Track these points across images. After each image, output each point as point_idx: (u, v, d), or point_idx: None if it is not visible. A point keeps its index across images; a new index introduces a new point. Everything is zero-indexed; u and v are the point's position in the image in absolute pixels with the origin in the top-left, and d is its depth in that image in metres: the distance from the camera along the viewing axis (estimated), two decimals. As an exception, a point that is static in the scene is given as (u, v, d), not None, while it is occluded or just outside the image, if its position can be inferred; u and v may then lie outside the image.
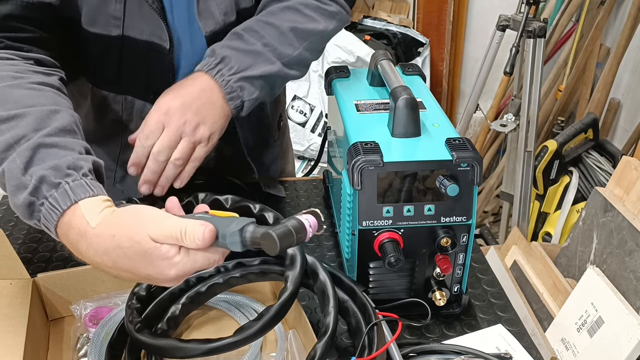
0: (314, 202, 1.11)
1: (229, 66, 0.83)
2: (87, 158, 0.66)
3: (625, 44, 2.41)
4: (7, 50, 0.76)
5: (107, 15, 0.86)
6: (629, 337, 0.96)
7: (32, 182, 0.62)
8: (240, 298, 0.84)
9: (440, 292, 0.79)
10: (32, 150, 0.64)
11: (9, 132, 0.65)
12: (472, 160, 0.72)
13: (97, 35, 0.87)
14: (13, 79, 0.71)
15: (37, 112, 0.67)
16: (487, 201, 2.70)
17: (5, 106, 0.67)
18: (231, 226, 0.57)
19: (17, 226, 1.03)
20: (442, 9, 2.84)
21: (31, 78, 0.73)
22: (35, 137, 0.65)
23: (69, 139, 0.67)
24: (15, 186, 0.63)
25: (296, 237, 0.55)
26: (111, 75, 0.93)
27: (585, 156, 2.14)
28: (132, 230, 0.58)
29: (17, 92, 0.70)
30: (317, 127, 2.74)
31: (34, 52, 0.78)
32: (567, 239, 1.26)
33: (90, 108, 0.99)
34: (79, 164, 0.64)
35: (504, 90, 2.56)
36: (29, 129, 0.66)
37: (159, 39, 0.89)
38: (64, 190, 0.61)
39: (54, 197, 0.61)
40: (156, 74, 0.93)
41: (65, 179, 0.62)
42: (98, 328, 0.75)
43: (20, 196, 0.62)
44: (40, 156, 0.64)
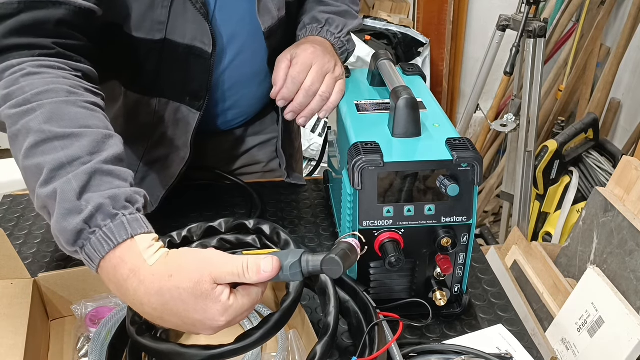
0: (315, 202, 1.11)
1: (335, 25, 0.99)
2: (140, 192, 0.64)
3: (626, 44, 2.41)
4: (58, 59, 0.73)
5: (152, 21, 0.86)
6: (630, 337, 0.96)
7: (88, 208, 0.59)
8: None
9: (441, 292, 0.79)
10: (89, 175, 0.62)
11: (63, 150, 0.63)
12: (472, 160, 0.72)
13: (140, 40, 0.88)
14: (68, 93, 0.69)
15: (93, 134, 0.66)
16: (487, 201, 2.70)
17: (61, 123, 0.65)
18: (288, 258, 0.59)
19: (17, 226, 1.03)
20: (442, 9, 2.84)
21: (84, 96, 0.71)
22: (93, 162, 0.63)
23: (122, 167, 0.65)
24: (68, 210, 0.60)
25: (352, 257, 0.59)
26: (148, 79, 0.94)
27: (585, 156, 2.14)
28: (193, 270, 0.57)
29: (73, 110, 0.68)
30: (317, 127, 2.74)
31: (81, 62, 0.76)
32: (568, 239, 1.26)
33: (120, 111, 1.00)
34: (135, 198, 0.63)
35: (504, 90, 2.56)
36: (85, 151, 0.64)
37: (201, 43, 0.90)
38: (121, 222, 0.60)
39: (110, 227, 0.59)
40: (194, 76, 0.94)
41: (122, 211, 0.60)
42: (99, 328, 0.75)
43: (72, 221, 0.59)
44: (96, 183, 0.62)
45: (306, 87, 0.91)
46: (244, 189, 1.12)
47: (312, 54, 0.92)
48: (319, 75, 0.91)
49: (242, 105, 1.07)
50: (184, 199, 1.09)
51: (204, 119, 0.98)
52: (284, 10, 0.98)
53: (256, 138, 1.17)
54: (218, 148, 1.16)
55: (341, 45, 0.99)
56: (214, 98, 1.01)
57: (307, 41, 0.96)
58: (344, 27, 1.00)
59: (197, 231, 0.77)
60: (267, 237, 0.75)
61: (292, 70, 0.91)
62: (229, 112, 1.07)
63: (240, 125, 1.13)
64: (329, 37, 0.98)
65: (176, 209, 1.05)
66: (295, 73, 0.91)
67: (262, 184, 1.16)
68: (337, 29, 0.99)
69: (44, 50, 0.72)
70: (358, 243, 0.61)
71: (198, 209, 1.08)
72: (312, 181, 1.18)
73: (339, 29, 0.99)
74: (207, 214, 1.07)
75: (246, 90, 1.04)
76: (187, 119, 0.97)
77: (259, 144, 1.18)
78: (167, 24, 0.87)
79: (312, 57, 0.91)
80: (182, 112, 0.97)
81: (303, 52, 0.92)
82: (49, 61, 0.72)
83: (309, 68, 0.91)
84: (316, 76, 0.91)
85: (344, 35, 1.00)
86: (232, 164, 1.18)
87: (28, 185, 0.65)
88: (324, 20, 0.99)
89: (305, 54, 0.92)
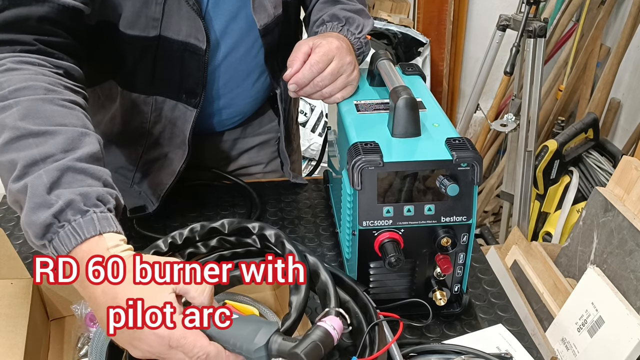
0: (315, 202, 1.11)
1: (355, 25, 0.95)
2: (112, 193, 0.65)
3: (626, 44, 2.41)
4: (39, 55, 0.74)
5: (146, 18, 0.87)
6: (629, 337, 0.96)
7: (58, 203, 0.60)
8: (240, 298, 0.84)
9: (441, 291, 0.79)
10: (60, 171, 0.63)
11: (37, 147, 0.64)
12: (472, 160, 0.72)
13: (135, 38, 0.88)
14: (46, 91, 0.70)
15: (68, 132, 0.66)
16: (487, 201, 2.70)
17: (37, 120, 0.66)
18: (256, 338, 0.57)
19: (17, 226, 1.03)
20: (442, 9, 2.84)
21: (63, 94, 0.72)
22: (65, 160, 0.64)
23: (96, 166, 0.66)
24: (38, 204, 0.61)
25: (324, 350, 0.56)
26: (145, 77, 0.94)
27: (585, 156, 2.14)
28: None
29: (49, 108, 0.68)
30: (317, 127, 2.74)
31: (64, 60, 0.76)
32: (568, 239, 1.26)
33: (118, 111, 1.00)
34: (106, 198, 0.63)
35: (504, 90, 2.56)
36: (59, 148, 0.64)
37: (195, 40, 0.90)
38: (91, 219, 0.61)
39: (79, 222, 0.60)
40: (190, 73, 0.94)
41: (93, 209, 0.61)
42: (99, 328, 0.75)
43: (41, 215, 0.60)
44: (68, 179, 0.63)
45: (316, 81, 0.88)
46: (244, 188, 1.12)
47: (337, 49, 0.88)
48: (335, 72, 0.88)
49: (237, 104, 1.07)
50: (184, 199, 1.09)
51: (201, 118, 0.99)
52: (280, 9, 0.97)
53: (255, 139, 1.17)
54: (217, 148, 1.16)
55: (360, 46, 0.96)
56: (209, 96, 1.01)
57: (331, 35, 0.92)
58: (363, 27, 0.96)
59: (200, 232, 0.77)
60: (271, 244, 0.74)
61: (312, 57, 0.88)
62: (224, 111, 1.07)
63: (238, 125, 1.13)
64: (350, 37, 0.94)
65: (176, 209, 1.05)
66: (314, 60, 0.87)
67: (262, 183, 1.16)
68: (357, 28, 0.95)
69: (25, 46, 0.73)
70: (339, 325, 0.58)
71: (198, 209, 1.08)
72: (312, 181, 1.18)
73: (359, 29, 0.96)
74: (207, 213, 1.07)
75: (240, 89, 1.04)
76: (184, 116, 0.97)
77: (257, 144, 1.18)
78: (162, 20, 0.87)
79: (336, 51, 0.88)
80: (179, 110, 0.97)
81: (328, 44, 0.88)
82: (29, 57, 0.73)
83: (330, 61, 0.87)
84: (332, 72, 0.87)
85: (363, 36, 0.96)
86: (231, 165, 1.18)
87: (2, 180, 0.66)
88: (345, 19, 0.95)
89: (330, 46, 0.88)
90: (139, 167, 1.03)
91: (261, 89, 1.07)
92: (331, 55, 0.87)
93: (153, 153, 1.02)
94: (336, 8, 0.98)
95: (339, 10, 0.97)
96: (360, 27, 0.95)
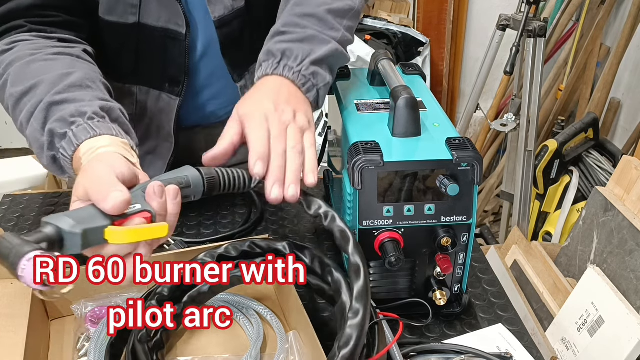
0: (315, 202, 1.11)
1: (293, 57, 0.78)
2: (92, 104, 0.69)
3: (626, 44, 2.41)
4: (29, 33, 0.79)
5: (124, 4, 0.87)
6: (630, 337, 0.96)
7: (45, 138, 0.67)
8: (240, 298, 0.84)
9: (441, 291, 0.79)
10: (45, 110, 0.68)
11: (29, 103, 0.70)
12: (472, 159, 0.71)
13: (114, 24, 0.89)
14: (30, 55, 0.75)
15: (49, 78, 0.71)
16: (487, 201, 2.70)
17: (24, 82, 0.72)
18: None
19: (17, 226, 1.03)
20: (442, 9, 2.84)
21: (47, 51, 0.77)
22: (46, 99, 0.69)
23: (79, 92, 0.70)
24: (39, 148, 0.69)
25: None
26: (128, 66, 0.95)
27: (585, 156, 2.14)
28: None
29: (33, 66, 0.74)
30: (317, 126, 2.74)
31: (57, 33, 0.81)
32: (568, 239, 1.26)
33: None
34: (82, 110, 0.67)
35: (504, 89, 2.56)
36: (44, 93, 0.70)
37: (175, 25, 0.90)
38: (69, 138, 0.66)
39: (63, 146, 0.66)
40: (172, 60, 0.94)
41: (70, 127, 0.66)
42: (99, 327, 0.75)
43: (44, 155, 0.68)
44: (52, 114, 0.68)
45: (274, 146, 0.70)
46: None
47: (265, 114, 0.72)
48: (280, 131, 0.71)
49: (227, 93, 1.06)
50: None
51: (191, 110, 0.99)
52: (242, 2, 0.95)
53: None
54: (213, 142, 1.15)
55: (304, 80, 0.77)
56: (196, 86, 1.01)
57: (257, 88, 0.77)
58: (306, 56, 0.78)
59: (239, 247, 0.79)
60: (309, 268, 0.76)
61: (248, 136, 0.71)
62: (214, 102, 1.06)
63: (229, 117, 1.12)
64: (287, 73, 0.77)
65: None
66: (254, 138, 0.71)
67: (262, 183, 1.16)
68: (295, 60, 0.77)
69: (17, 29, 0.79)
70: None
71: (197, 209, 1.08)
72: (312, 181, 1.18)
73: (298, 60, 0.77)
74: (207, 213, 1.07)
75: (225, 80, 1.03)
76: (169, 106, 0.98)
77: None
78: (140, 7, 0.88)
79: (265, 116, 0.72)
80: (163, 100, 0.98)
81: (251, 110, 0.73)
82: (21, 36, 0.79)
83: (266, 126, 0.71)
84: (278, 133, 0.71)
85: (305, 67, 0.77)
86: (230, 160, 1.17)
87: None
88: (280, 53, 0.78)
89: (256, 117, 0.72)
90: None
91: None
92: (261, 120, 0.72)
93: (143, 147, 1.02)
94: (273, 41, 0.81)
95: (274, 44, 0.80)
96: (301, 58, 0.77)
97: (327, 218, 0.69)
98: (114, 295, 0.81)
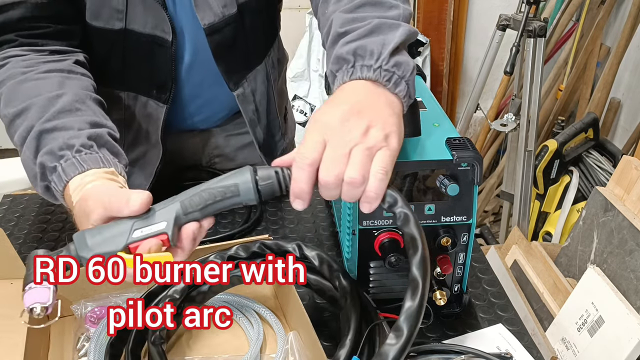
0: (315, 202, 1.11)
1: (368, 54, 0.65)
2: (80, 134, 0.69)
3: (626, 44, 2.41)
4: (21, 48, 0.79)
5: (110, 9, 0.87)
6: (629, 337, 0.96)
7: (37, 169, 0.68)
8: (240, 299, 0.84)
9: (441, 291, 0.79)
10: (36, 139, 0.69)
11: (22, 126, 0.71)
12: (472, 159, 0.71)
13: (101, 30, 0.88)
14: (22, 74, 0.76)
15: (40, 100, 0.72)
16: (487, 201, 2.70)
17: (15, 102, 0.73)
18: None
19: (17, 226, 1.03)
20: (442, 9, 2.84)
21: (40, 68, 0.77)
22: (37, 126, 0.70)
23: (68, 119, 0.71)
24: (32, 177, 0.70)
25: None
26: (115, 72, 0.94)
27: (585, 156, 2.14)
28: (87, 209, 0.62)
29: (25, 86, 0.75)
30: (317, 126, 2.73)
31: (49, 45, 0.81)
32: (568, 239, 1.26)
33: None
34: (70, 143, 0.68)
35: (504, 89, 2.56)
36: (35, 118, 0.70)
37: (161, 32, 0.90)
38: (59, 173, 0.67)
39: (53, 179, 0.67)
40: (159, 67, 0.94)
41: (60, 161, 0.67)
42: (98, 327, 0.75)
43: (37, 185, 0.70)
44: (43, 143, 0.69)
45: (322, 182, 0.59)
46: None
47: (324, 126, 0.59)
48: (338, 156, 0.58)
49: (220, 99, 1.05)
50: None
51: (184, 115, 0.98)
52: (233, 8, 0.92)
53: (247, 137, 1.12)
54: (211, 145, 1.15)
55: (388, 75, 0.65)
56: (187, 93, 1.00)
57: (327, 102, 0.65)
58: (382, 48, 0.66)
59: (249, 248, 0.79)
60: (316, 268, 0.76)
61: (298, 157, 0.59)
62: (206, 108, 1.06)
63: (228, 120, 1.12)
64: (367, 74, 0.65)
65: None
66: (300, 157, 0.59)
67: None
68: (372, 57, 0.65)
69: (8, 43, 0.80)
70: None
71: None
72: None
73: (375, 55, 0.65)
74: (207, 213, 1.07)
75: (217, 88, 1.01)
76: (156, 113, 0.97)
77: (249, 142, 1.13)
78: (126, 12, 0.87)
79: (324, 130, 0.59)
80: (151, 107, 0.97)
81: (311, 126, 0.61)
82: (13, 51, 0.79)
83: (322, 147, 0.59)
84: (332, 160, 0.58)
85: (385, 60, 0.65)
86: (229, 163, 1.17)
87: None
88: (352, 55, 0.67)
89: (313, 128, 0.61)
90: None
91: None
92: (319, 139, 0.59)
93: (133, 153, 1.02)
94: (339, 46, 0.69)
95: (341, 47, 0.68)
96: (377, 52, 0.65)
97: (400, 218, 0.59)
98: (114, 295, 0.81)
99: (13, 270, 0.78)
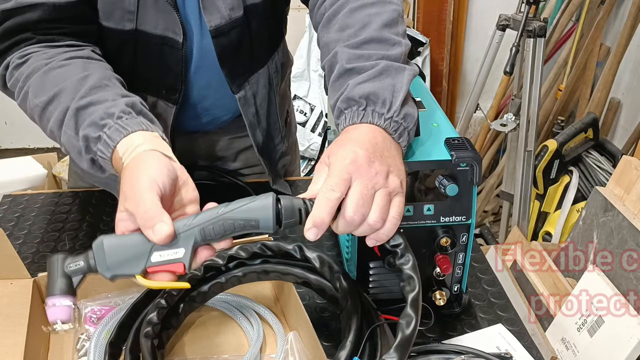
0: (314, 202, 1.11)
1: (380, 102, 0.68)
2: (116, 103, 0.72)
3: (626, 44, 2.41)
4: (37, 45, 0.81)
5: (122, 10, 0.87)
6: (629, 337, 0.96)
7: (81, 143, 0.71)
8: (240, 299, 0.84)
9: (440, 291, 0.79)
10: (74, 117, 0.72)
11: (56, 111, 0.74)
12: (471, 160, 0.71)
13: (112, 30, 0.89)
14: (45, 65, 0.78)
15: (69, 84, 0.75)
16: (487, 201, 2.70)
17: (44, 91, 0.75)
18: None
19: (17, 226, 1.03)
20: (442, 9, 2.84)
21: (61, 57, 0.79)
22: (72, 105, 0.72)
23: (101, 93, 0.73)
24: (76, 153, 0.72)
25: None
26: (125, 72, 0.94)
27: (585, 156, 2.14)
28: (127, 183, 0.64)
29: (51, 75, 0.77)
30: (317, 126, 2.74)
31: (64, 40, 0.83)
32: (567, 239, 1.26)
33: None
34: (110, 112, 0.70)
35: (504, 89, 2.56)
36: (69, 100, 0.73)
37: (172, 33, 0.90)
38: (104, 141, 0.69)
39: (100, 149, 0.69)
40: (169, 68, 0.94)
41: (103, 130, 0.69)
42: (98, 327, 0.76)
43: (82, 159, 0.72)
44: (82, 118, 0.71)
45: (348, 219, 0.61)
46: (243, 189, 1.12)
47: (353, 164, 0.62)
48: (365, 197, 0.61)
49: (222, 105, 1.06)
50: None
51: (191, 116, 0.98)
52: (240, 11, 0.92)
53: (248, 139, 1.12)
54: (213, 147, 1.15)
55: (396, 126, 0.67)
56: (195, 94, 1.00)
57: (347, 138, 0.66)
58: (392, 98, 0.68)
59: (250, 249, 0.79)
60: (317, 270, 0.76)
61: (325, 188, 0.61)
62: (212, 111, 1.06)
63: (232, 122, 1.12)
64: (378, 121, 0.67)
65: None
66: (326, 189, 0.61)
67: (262, 184, 1.16)
68: (384, 106, 0.67)
69: (25, 41, 0.82)
70: None
71: (198, 209, 1.08)
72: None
73: (387, 105, 0.67)
74: (207, 213, 1.07)
75: (223, 90, 1.01)
76: (165, 113, 0.97)
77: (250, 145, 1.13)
78: (137, 13, 0.88)
79: (352, 168, 0.62)
80: (160, 107, 0.97)
81: (339, 162, 0.63)
82: (31, 48, 0.81)
83: (348, 182, 0.61)
84: (360, 200, 0.60)
85: (396, 112, 0.67)
86: (230, 164, 1.18)
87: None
88: (364, 100, 0.68)
89: (342, 164, 0.62)
90: None
91: None
92: (346, 177, 0.61)
93: None
94: (350, 86, 0.70)
95: (353, 88, 0.69)
96: (389, 100, 0.68)
97: (401, 257, 0.64)
98: (113, 295, 0.81)
99: (13, 270, 0.78)
